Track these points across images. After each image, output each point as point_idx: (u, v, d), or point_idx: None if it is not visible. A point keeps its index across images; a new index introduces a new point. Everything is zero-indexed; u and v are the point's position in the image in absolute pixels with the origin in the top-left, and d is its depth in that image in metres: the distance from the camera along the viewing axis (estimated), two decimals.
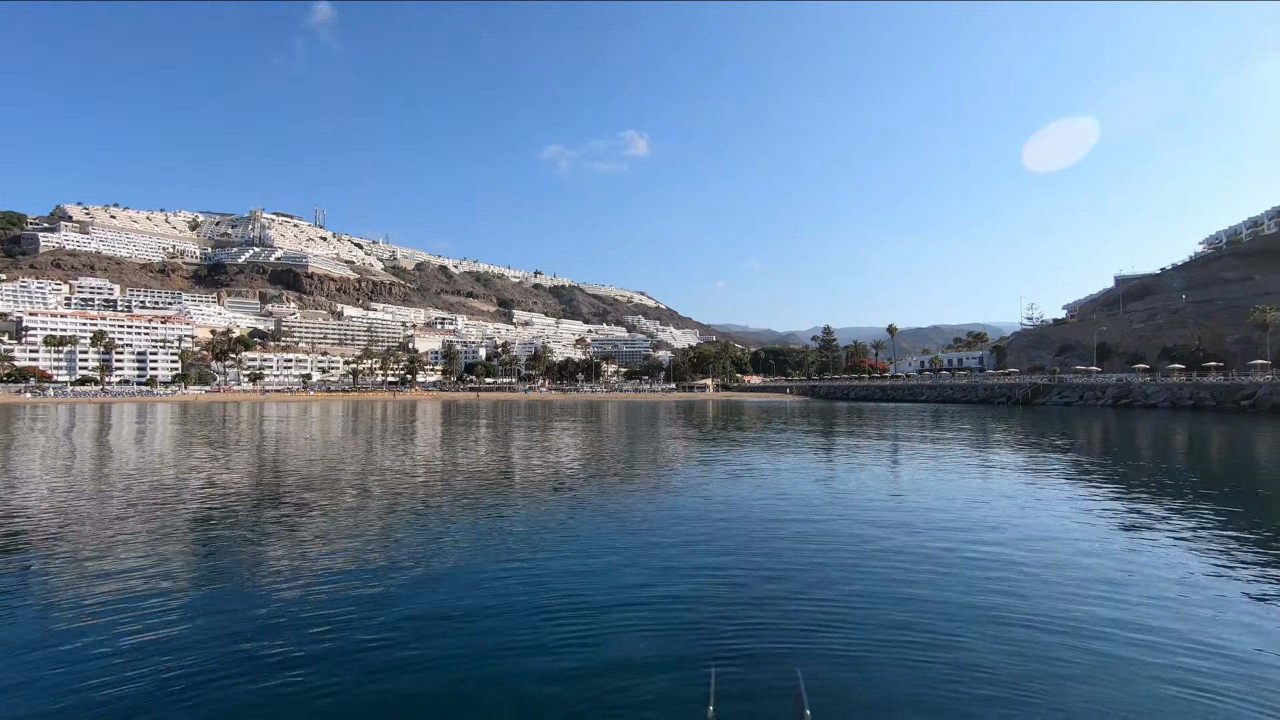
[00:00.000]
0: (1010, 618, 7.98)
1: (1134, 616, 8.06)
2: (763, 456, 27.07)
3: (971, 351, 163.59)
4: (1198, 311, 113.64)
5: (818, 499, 16.86)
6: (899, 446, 31.97)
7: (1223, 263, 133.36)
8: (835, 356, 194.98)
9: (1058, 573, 9.95)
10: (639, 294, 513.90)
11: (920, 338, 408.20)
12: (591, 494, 17.56)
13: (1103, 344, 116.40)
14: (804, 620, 7.87)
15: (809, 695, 5.54)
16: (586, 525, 13.37)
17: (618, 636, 7.38)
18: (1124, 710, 5.78)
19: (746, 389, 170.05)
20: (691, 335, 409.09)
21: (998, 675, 6.38)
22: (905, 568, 10.18)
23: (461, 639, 7.40)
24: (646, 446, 32.23)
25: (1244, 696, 6.03)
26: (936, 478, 21.06)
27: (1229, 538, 12.55)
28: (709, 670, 5.83)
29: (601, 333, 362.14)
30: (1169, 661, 6.72)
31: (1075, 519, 14.44)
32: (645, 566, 10.28)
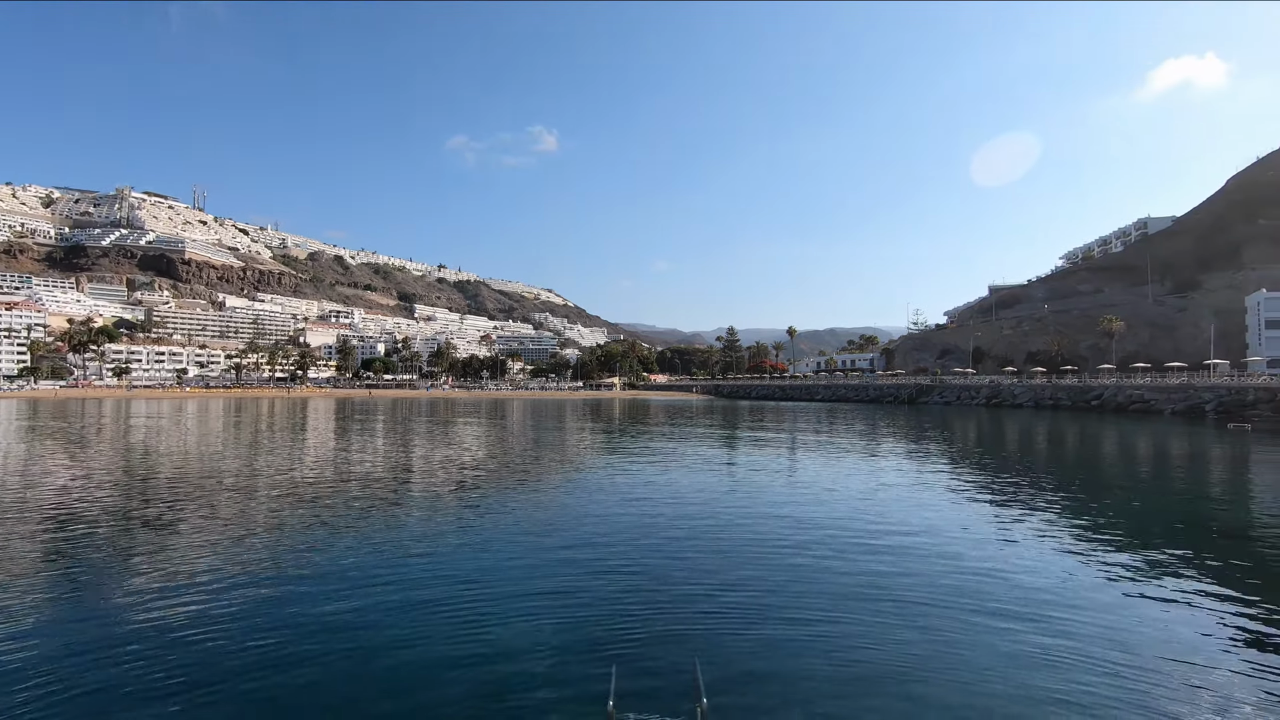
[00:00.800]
0: (894, 599, 8.52)
1: (1002, 591, 8.81)
2: (666, 454, 27.51)
3: (863, 354, 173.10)
4: (1057, 320, 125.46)
5: (717, 494, 17.34)
6: (796, 444, 33.40)
7: (1078, 276, 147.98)
8: (738, 356, 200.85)
9: (936, 555, 10.72)
10: (546, 291, 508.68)
11: (817, 339, 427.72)
12: (493, 493, 17.24)
13: (978, 348, 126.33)
14: (702, 610, 8.08)
15: (706, 682, 5.70)
16: (487, 524, 13.11)
17: (517, 634, 7.29)
18: (995, 675, 6.29)
19: (653, 388, 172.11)
20: (599, 334, 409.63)
21: (883, 652, 6.79)
22: (797, 556, 10.65)
23: (352, 640, 7.09)
24: (551, 445, 31.98)
25: (1093, 644, 6.74)
26: (828, 473, 22.16)
27: (1077, 520, 14.01)
28: (610, 665, 5.87)
29: (507, 330, 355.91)
30: (1029, 627, 7.41)
31: (952, 508, 15.63)
32: (547, 564, 10.21)
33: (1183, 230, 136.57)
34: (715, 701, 5.47)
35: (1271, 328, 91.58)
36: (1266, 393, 51.25)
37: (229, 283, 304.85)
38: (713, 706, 5.33)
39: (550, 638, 7.20)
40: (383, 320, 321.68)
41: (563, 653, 6.80)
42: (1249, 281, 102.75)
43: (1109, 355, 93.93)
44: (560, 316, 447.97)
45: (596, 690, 5.74)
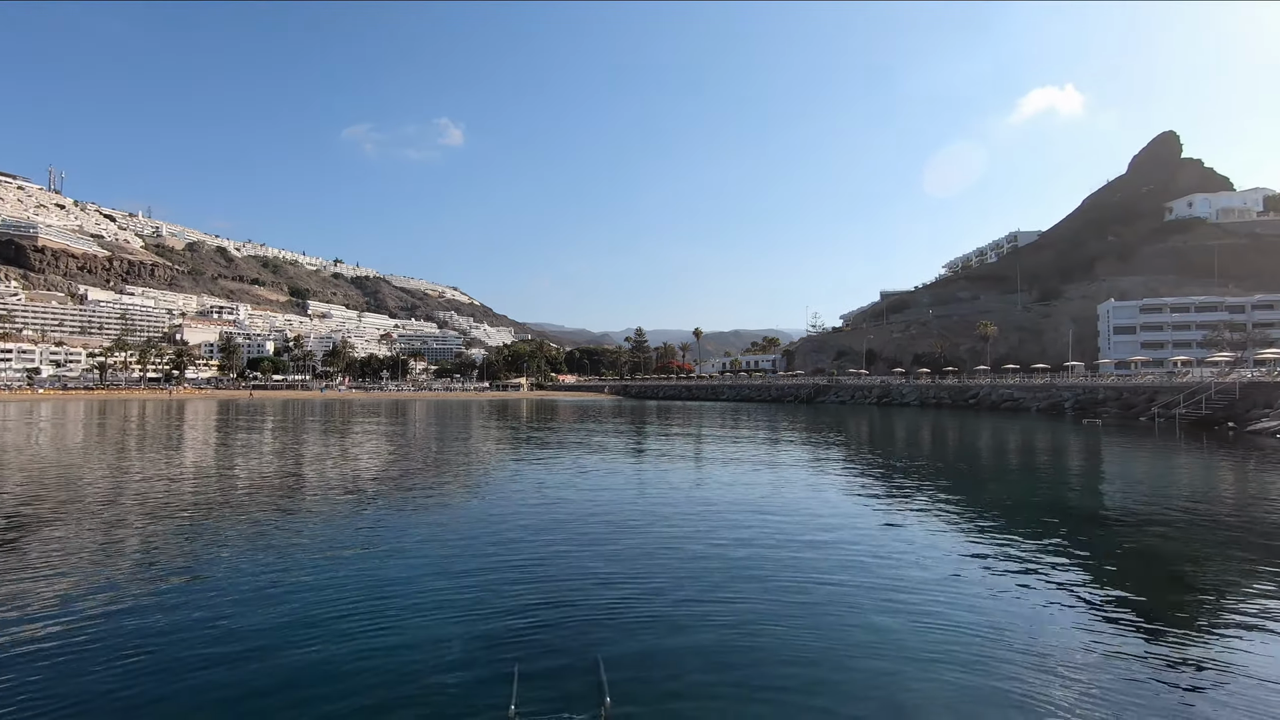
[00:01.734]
0: (795, 589, 8.86)
1: (891, 575, 9.35)
2: (572, 455, 27.40)
3: (766, 355, 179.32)
4: (940, 324, 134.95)
5: (623, 494, 17.45)
6: (701, 442, 34.14)
7: (958, 284, 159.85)
8: (646, 357, 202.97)
9: (833, 544, 11.25)
10: (452, 289, 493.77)
11: (723, 340, 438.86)
12: (392, 498, 16.55)
13: (870, 350, 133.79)
14: (607, 609, 8.09)
15: (610, 680, 5.71)
16: (386, 530, 12.57)
17: (417, 640, 7.02)
18: (889, 655, 6.65)
19: (561, 388, 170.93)
20: (506, 333, 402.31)
21: (785, 642, 7.04)
22: (702, 552, 10.88)
23: (242, 655, 6.60)
24: (455, 447, 31.11)
25: (963, 614, 7.28)
26: (731, 470, 22.80)
27: (954, 506, 15.16)
28: (512, 665, 5.77)
29: (410, 328, 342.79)
30: (913, 605, 7.91)
31: (846, 500, 16.48)
32: (448, 568, 9.91)
33: (1046, 244, 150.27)
34: (619, 699, 5.48)
35: (1119, 333, 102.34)
36: (1113, 392, 57.22)
37: (92, 273, 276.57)
38: (617, 704, 5.35)
39: (452, 642, 6.98)
40: (272, 317, 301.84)
41: (465, 657, 6.61)
42: (1101, 291, 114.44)
43: (984, 357, 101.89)
44: (466, 315, 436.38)
45: (499, 694, 5.62)
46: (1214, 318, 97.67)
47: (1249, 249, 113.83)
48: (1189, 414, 43.98)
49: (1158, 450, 29.66)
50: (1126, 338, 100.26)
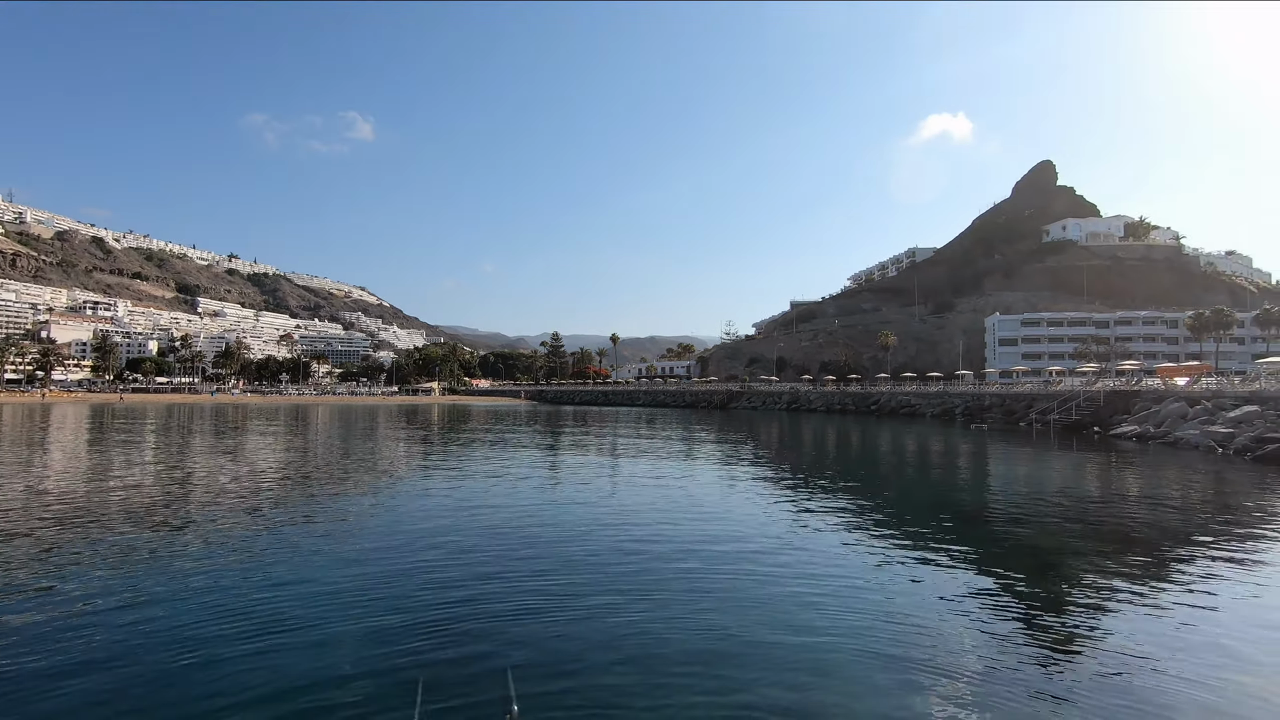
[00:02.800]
0: (707, 591, 9.00)
1: (796, 578, 9.68)
2: (484, 461, 26.85)
3: (681, 361, 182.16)
4: (845, 334, 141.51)
5: (535, 500, 17.25)
6: (616, 447, 34.24)
7: (862, 296, 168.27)
8: (563, 362, 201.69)
9: (741, 548, 11.53)
10: (359, 289, 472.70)
11: (639, 346, 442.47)
12: (289, 507, 15.63)
13: (781, 358, 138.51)
14: (516, 617, 7.95)
15: (518, 689, 5.61)
16: (283, 542, 11.85)
17: (317, 657, 6.65)
18: (786, 651, 6.86)
19: (475, 393, 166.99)
20: (418, 336, 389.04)
21: (695, 644, 7.13)
22: (614, 559, 10.89)
23: (129, 676, 6.02)
24: (360, 453, 29.79)
25: (862, 604, 7.64)
26: (645, 475, 22.99)
27: (856, 505, 15.92)
28: (416, 680, 5.56)
29: (313, 329, 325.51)
30: (817, 598, 8.22)
31: (755, 502, 16.95)
32: (349, 581, 9.45)
33: (941, 260, 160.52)
34: (528, 710, 5.39)
35: (1003, 345, 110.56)
36: (998, 399, 61.76)
37: None
38: (525, 714, 5.25)
39: (353, 658, 6.66)
40: (156, 314, 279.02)
41: (367, 672, 6.31)
42: (988, 306, 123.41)
43: (885, 366, 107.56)
44: (374, 316, 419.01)
45: (403, 709, 5.40)
46: (1083, 332, 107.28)
47: (1111, 270, 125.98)
48: (1062, 419, 48.05)
49: (1035, 453, 32.23)
50: (1010, 349, 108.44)
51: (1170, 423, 37.40)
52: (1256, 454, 27.06)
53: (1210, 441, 30.98)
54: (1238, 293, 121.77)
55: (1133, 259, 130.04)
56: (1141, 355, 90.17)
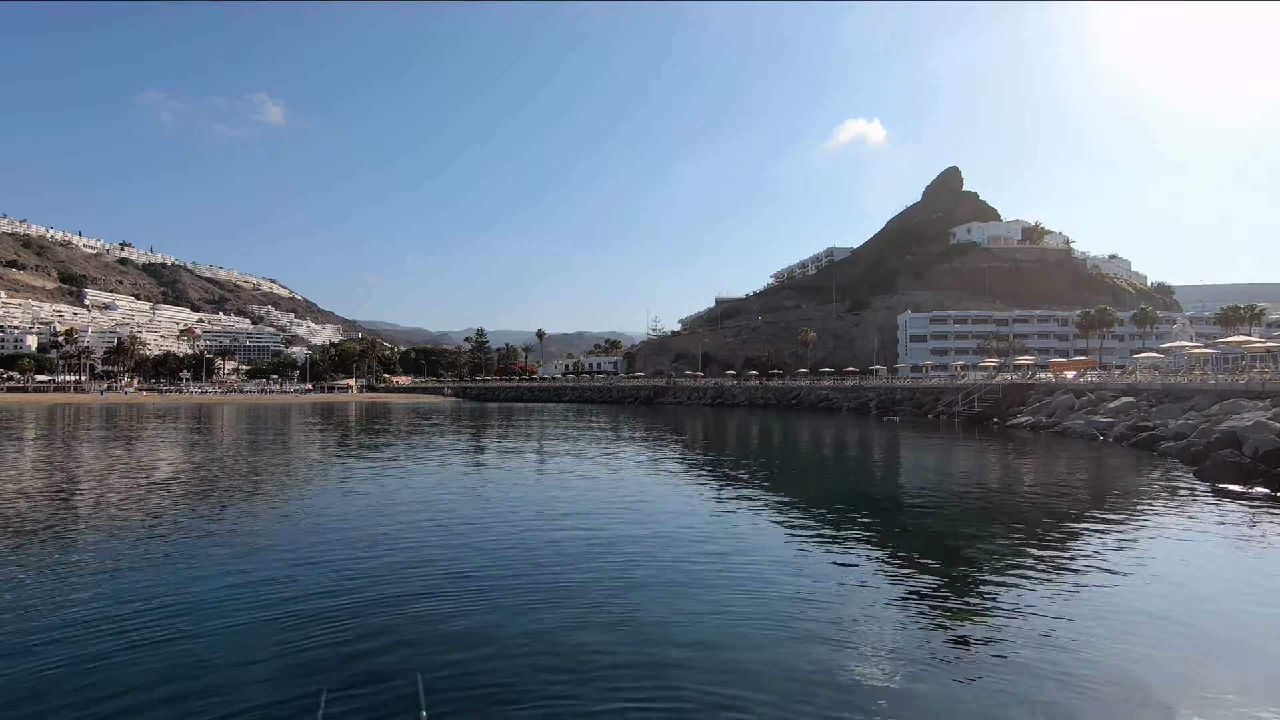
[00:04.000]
0: (622, 586, 9.00)
1: (715, 569, 9.83)
2: (402, 459, 26.04)
3: (608, 357, 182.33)
4: (768, 330, 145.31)
5: (454, 500, 16.85)
6: (542, 444, 33.93)
7: (784, 293, 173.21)
8: (488, 358, 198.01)
9: (661, 543, 11.60)
10: (269, 281, 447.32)
11: (566, 342, 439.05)
12: (187, 511, 14.61)
13: (706, 353, 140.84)
14: (428, 619, 7.70)
15: (429, 693, 5.44)
16: (179, 550, 11.06)
17: (213, 668, 6.22)
18: (702, 646, 6.94)
19: (396, 390, 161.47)
20: (334, 331, 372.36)
21: (605, 638, 7.11)
22: (530, 555, 10.76)
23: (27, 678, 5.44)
24: (267, 454, 28.27)
25: (783, 590, 7.84)
26: (569, 471, 22.87)
27: (777, 496, 16.38)
28: (321, 688, 5.30)
29: (217, 323, 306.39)
30: (745, 594, 8.38)
31: (678, 496, 17.16)
32: (250, 584, 8.91)
33: (857, 260, 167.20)
34: (438, 713, 5.24)
35: (914, 341, 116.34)
36: (908, 393, 64.96)
37: None
38: (434, 717, 5.10)
39: (252, 665, 6.27)
40: (36, 306, 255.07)
41: (266, 680, 5.95)
42: (900, 304, 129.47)
43: (805, 361, 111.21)
44: (286, 311, 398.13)
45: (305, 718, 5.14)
46: (985, 329, 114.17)
47: (1010, 272, 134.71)
48: (965, 411, 51.01)
49: (941, 443, 34.08)
50: (920, 345, 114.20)
51: (1060, 413, 40.34)
52: (1131, 440, 29.56)
53: (1093, 430, 33.60)
54: (1119, 293, 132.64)
55: (1029, 261, 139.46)
56: (1036, 351, 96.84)
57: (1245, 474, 18.27)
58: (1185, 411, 30.81)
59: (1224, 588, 9.46)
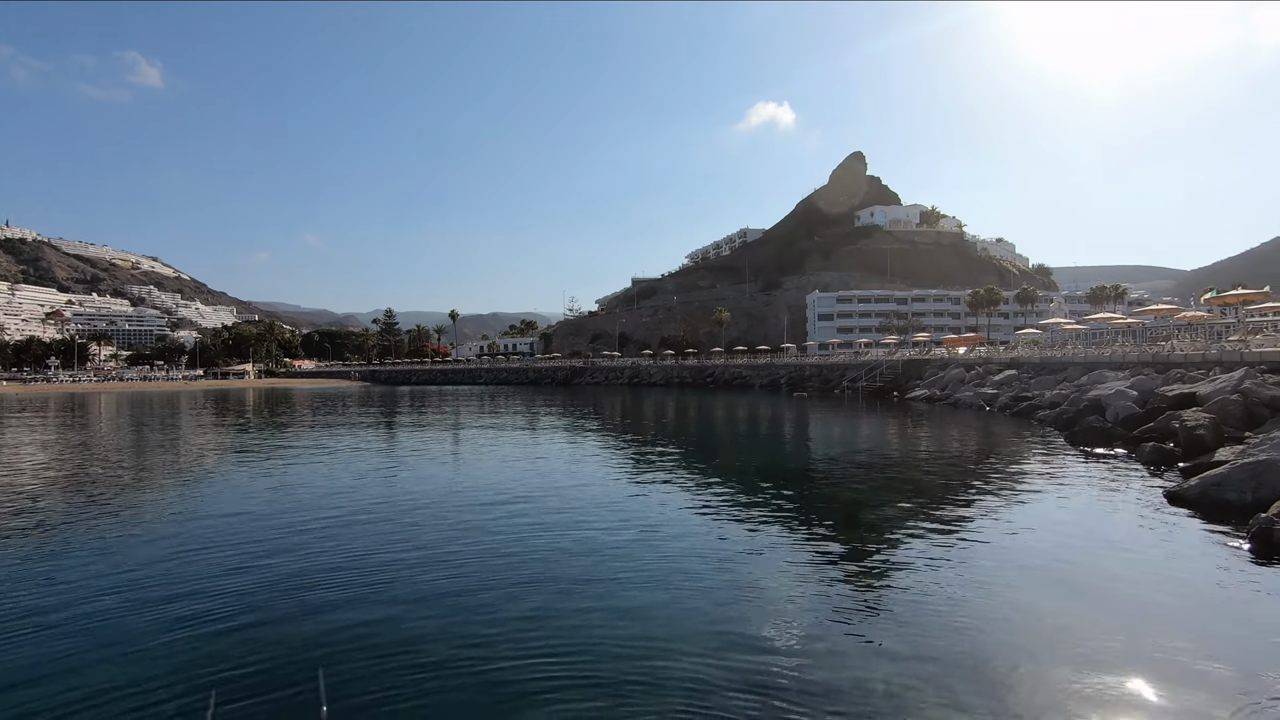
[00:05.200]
0: (533, 571, 8.94)
1: (632, 547, 9.93)
2: (304, 449, 24.80)
3: (524, 338, 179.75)
4: (684, 310, 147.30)
5: (355, 484, 16.24)
6: (456, 427, 33.16)
7: (699, 273, 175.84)
8: (398, 340, 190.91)
9: (577, 523, 11.61)
10: (150, 259, 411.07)
11: (480, 323, 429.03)
12: (59, 506, 13.33)
13: (623, 333, 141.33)
14: (329, 612, 7.36)
15: (330, 688, 5.23)
16: (46, 545, 10.08)
17: (93, 673, 5.71)
18: (621, 627, 7.01)
19: (299, 375, 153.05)
20: (227, 313, 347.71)
21: (515, 623, 7.05)
22: (438, 540, 10.51)
23: None
24: (153, 446, 26.21)
25: (698, 563, 8.03)
26: (482, 454, 22.49)
27: (692, 471, 16.73)
28: (209, 692, 4.97)
29: (90, 305, 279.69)
30: (660, 571, 8.50)
31: (594, 476, 17.21)
32: (131, 578, 8.24)
33: (769, 240, 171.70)
34: (339, 707, 5.05)
35: (822, 320, 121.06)
36: (816, 370, 67.69)
37: None
38: (335, 713, 4.90)
39: (129, 670, 5.80)
40: None
41: (148, 686, 5.53)
42: (809, 284, 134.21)
43: (720, 340, 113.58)
44: (171, 291, 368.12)
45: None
46: (886, 308, 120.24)
47: (909, 254, 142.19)
48: (868, 386, 53.69)
49: (846, 416, 35.78)
50: (827, 324, 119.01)
51: (952, 386, 43.18)
52: (1013, 410, 32.06)
53: (981, 401, 36.19)
54: (1005, 274, 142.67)
55: (926, 243, 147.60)
56: (932, 328, 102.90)
57: (1108, 437, 20.20)
58: (1059, 382, 33.66)
59: (1088, 540, 10.45)
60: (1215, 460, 14.05)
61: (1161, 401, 21.47)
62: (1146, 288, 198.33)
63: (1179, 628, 6.97)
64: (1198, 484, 12.21)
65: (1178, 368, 27.04)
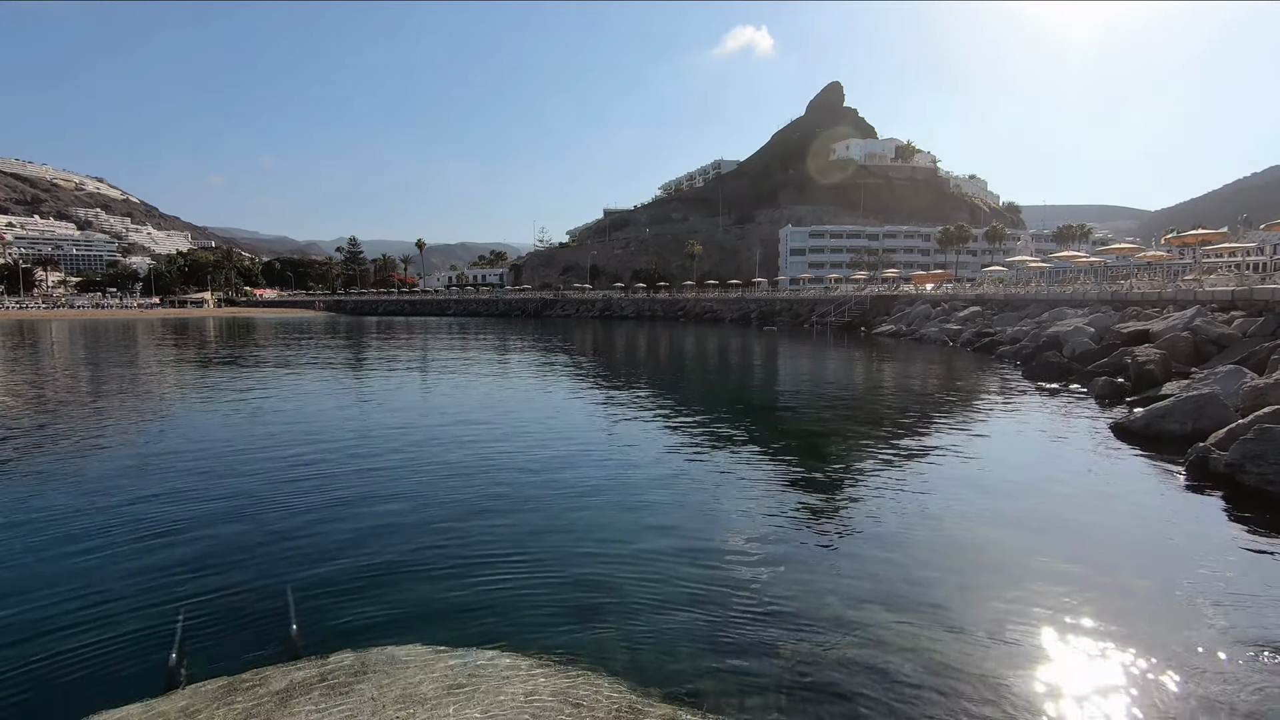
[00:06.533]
0: (500, 494, 9.07)
1: (600, 474, 10.11)
2: (272, 377, 24.41)
3: (494, 269, 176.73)
4: (656, 242, 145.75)
5: (320, 413, 16.12)
6: (426, 358, 32.86)
7: (671, 205, 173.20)
8: (363, 269, 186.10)
9: (547, 450, 11.73)
10: (95, 180, 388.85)
11: (449, 253, 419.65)
12: (23, 429, 13.02)
13: (594, 266, 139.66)
14: (297, 534, 7.41)
15: (299, 606, 5.32)
16: (11, 474, 9.89)
17: (58, 594, 5.71)
18: (584, 553, 7.19)
19: (260, 304, 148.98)
20: (181, 239, 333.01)
21: (485, 545, 7.19)
22: (409, 465, 10.57)
23: None
24: (113, 374, 25.53)
25: (681, 495, 8.25)
26: (453, 383, 22.40)
27: (665, 404, 16.95)
28: (176, 612, 5.03)
29: (33, 228, 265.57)
30: (628, 498, 8.70)
31: (565, 406, 17.33)
32: (97, 502, 8.17)
33: (743, 173, 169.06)
34: (309, 625, 5.14)
35: (794, 254, 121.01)
36: (787, 304, 68.13)
37: None
38: (305, 632, 5.00)
39: (101, 592, 5.81)
40: None
41: (113, 608, 5.55)
42: (783, 218, 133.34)
43: (692, 274, 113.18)
44: (120, 215, 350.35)
45: (162, 642, 4.87)
46: (858, 243, 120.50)
47: (883, 188, 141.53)
48: (837, 321, 54.36)
49: (813, 350, 36.32)
50: (799, 258, 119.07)
51: (918, 322, 43.93)
52: (976, 345, 32.85)
53: (945, 337, 36.96)
54: (976, 211, 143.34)
55: (900, 178, 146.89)
56: (902, 265, 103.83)
57: (1064, 372, 20.88)
58: (1021, 319, 34.44)
59: (1034, 467, 10.93)
60: (1162, 394, 14.66)
61: (1116, 338, 22.15)
62: (1111, 227, 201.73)
63: (1110, 546, 7.41)
64: (1143, 416, 12.76)
65: (1135, 305, 27.82)
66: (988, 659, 4.86)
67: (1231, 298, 23.02)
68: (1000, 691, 4.48)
